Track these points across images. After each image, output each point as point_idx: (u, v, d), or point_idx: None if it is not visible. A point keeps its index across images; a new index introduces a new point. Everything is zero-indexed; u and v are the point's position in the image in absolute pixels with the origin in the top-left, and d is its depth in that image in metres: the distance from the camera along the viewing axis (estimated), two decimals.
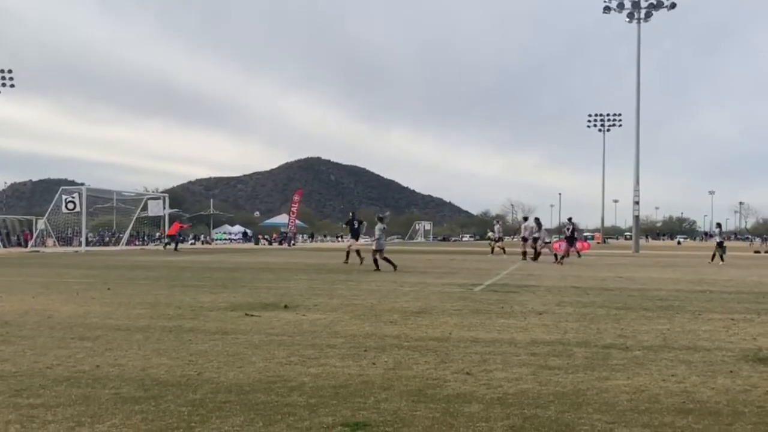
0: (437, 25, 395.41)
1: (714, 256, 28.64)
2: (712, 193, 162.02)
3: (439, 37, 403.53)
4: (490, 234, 42.57)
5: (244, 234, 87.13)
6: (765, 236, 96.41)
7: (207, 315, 9.65)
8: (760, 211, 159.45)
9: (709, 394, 5.16)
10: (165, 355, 6.56)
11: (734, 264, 28.38)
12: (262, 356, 6.53)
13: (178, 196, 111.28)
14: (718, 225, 32.45)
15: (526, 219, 32.26)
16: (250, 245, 66.72)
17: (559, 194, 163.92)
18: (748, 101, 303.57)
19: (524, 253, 29.49)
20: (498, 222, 41.96)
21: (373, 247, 21.37)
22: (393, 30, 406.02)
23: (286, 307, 10.59)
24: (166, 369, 5.94)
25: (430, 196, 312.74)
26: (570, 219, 30.59)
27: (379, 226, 21.72)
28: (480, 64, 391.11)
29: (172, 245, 42.07)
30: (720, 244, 28.92)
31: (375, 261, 20.79)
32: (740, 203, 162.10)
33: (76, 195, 43.33)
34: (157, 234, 60.49)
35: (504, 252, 35.04)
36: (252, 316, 9.50)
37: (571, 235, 28.52)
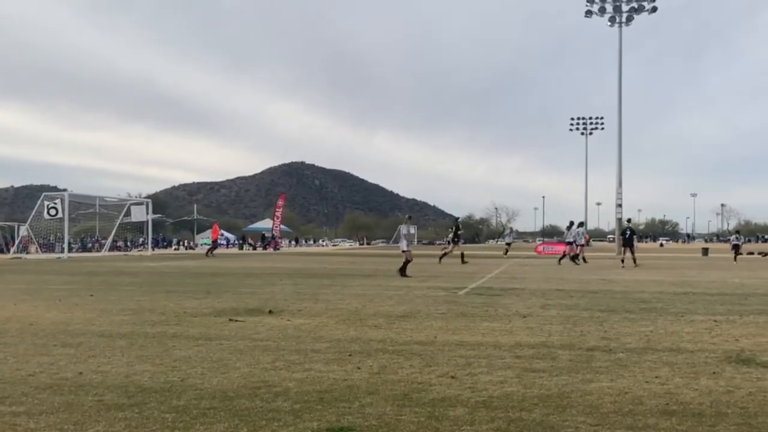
0: (423, 30, 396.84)
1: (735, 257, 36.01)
2: (694, 195, 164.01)
3: (425, 42, 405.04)
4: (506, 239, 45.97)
5: (227, 240, 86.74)
6: (748, 238, 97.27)
7: (191, 321, 9.60)
8: (742, 213, 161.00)
9: (692, 395, 5.20)
10: (148, 362, 6.52)
11: (717, 266, 28.61)
12: (247, 362, 6.50)
13: (162, 201, 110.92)
14: (737, 231, 40.55)
15: (576, 224, 32.34)
16: (235, 250, 66.50)
17: (543, 197, 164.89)
18: (730, 104, 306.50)
19: (574, 257, 30.41)
20: (511, 228, 43.37)
21: (405, 249, 20.43)
22: (379, 35, 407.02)
23: (270, 312, 10.56)
24: (149, 375, 5.90)
25: (414, 199, 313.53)
26: (582, 223, 31.09)
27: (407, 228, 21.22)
28: (465, 68, 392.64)
29: (212, 250, 41.30)
30: (736, 247, 37.15)
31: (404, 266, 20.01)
32: (722, 205, 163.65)
33: (58, 201, 42.91)
34: (141, 239, 60.17)
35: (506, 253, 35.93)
36: (236, 321, 9.46)
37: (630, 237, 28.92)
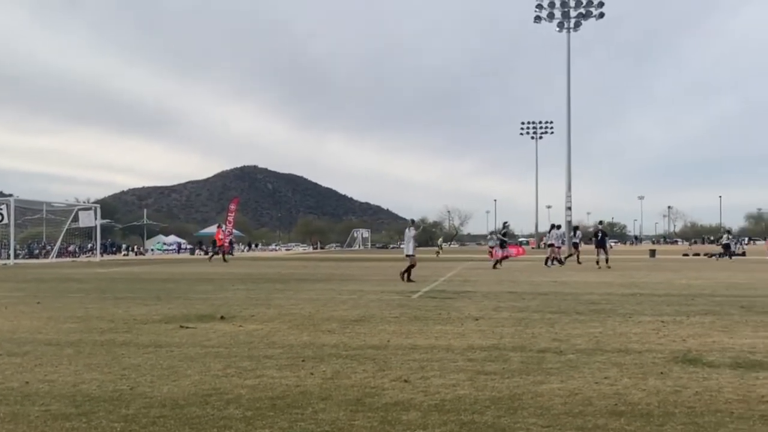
0: (376, 34, 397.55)
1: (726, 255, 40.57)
2: (641, 198, 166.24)
3: (378, 46, 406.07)
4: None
5: (179, 245, 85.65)
6: (695, 239, 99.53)
7: (140, 328, 9.46)
8: (689, 215, 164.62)
9: (640, 395, 5.29)
10: (97, 370, 6.40)
11: (664, 267, 29.20)
12: (198, 369, 6.42)
13: (111, 206, 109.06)
14: (728, 231, 45.24)
15: (555, 227, 33.21)
16: (186, 255, 65.67)
17: (495, 200, 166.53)
18: (676, 108, 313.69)
19: (558, 259, 31.06)
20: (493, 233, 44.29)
21: (410, 253, 20.08)
22: (332, 39, 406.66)
23: (222, 318, 10.46)
24: (97, 384, 5.79)
25: (368, 203, 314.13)
26: (559, 225, 31.56)
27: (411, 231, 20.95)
28: (417, 72, 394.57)
29: (220, 255, 40.41)
30: (727, 246, 41.66)
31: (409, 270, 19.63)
32: (669, 207, 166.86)
33: (3, 206, 41.89)
34: (89, 245, 59.08)
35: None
36: (187, 328, 9.35)
37: (602, 238, 29.40)
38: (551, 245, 31.42)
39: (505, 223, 32.30)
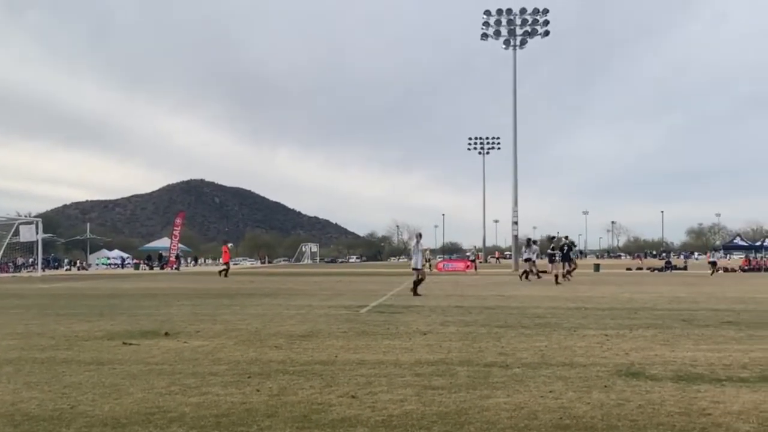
0: (324, 49, 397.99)
1: (713, 271, 40.94)
2: (586, 213, 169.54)
3: (326, 61, 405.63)
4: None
5: (122, 259, 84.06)
6: (637, 254, 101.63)
7: (82, 345, 9.24)
8: (631, 230, 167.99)
9: (584, 409, 5.36)
10: (36, 389, 6.22)
11: (607, 281, 29.72)
12: (141, 387, 6.30)
13: (53, 220, 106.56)
14: (715, 248, 47.17)
15: (531, 241, 33.69)
16: (130, 270, 64.49)
17: (443, 215, 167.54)
18: (621, 125, 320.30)
19: (527, 274, 31.26)
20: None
21: (418, 267, 20.17)
22: (280, 53, 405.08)
23: (166, 334, 10.28)
24: (37, 403, 5.64)
25: (316, 217, 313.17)
26: (567, 237, 31.87)
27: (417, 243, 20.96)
28: (366, 86, 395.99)
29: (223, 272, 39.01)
30: (713, 263, 42.25)
31: (416, 284, 19.75)
32: (612, 222, 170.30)
33: None
34: (31, 260, 57.57)
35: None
36: (130, 344, 9.16)
37: (567, 252, 29.66)
38: (528, 260, 31.82)
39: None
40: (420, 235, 21.54)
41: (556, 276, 27.35)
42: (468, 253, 60.97)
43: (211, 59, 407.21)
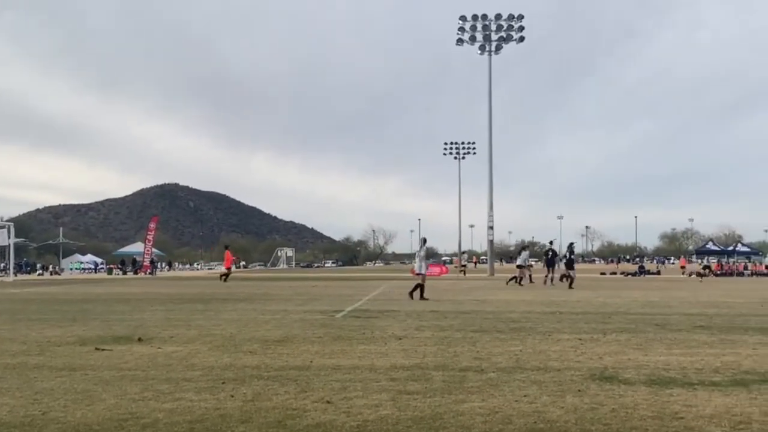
0: (302, 53, 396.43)
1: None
2: (560, 217, 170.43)
3: (304, 65, 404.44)
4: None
5: (95, 264, 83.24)
6: (611, 258, 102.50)
7: (54, 350, 9.12)
8: (605, 235, 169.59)
9: (558, 413, 5.38)
10: (7, 395, 6.13)
11: (581, 286, 29.92)
12: (113, 393, 6.22)
13: (25, 224, 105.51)
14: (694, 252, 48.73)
15: (523, 249, 34.58)
16: (104, 275, 63.88)
17: (419, 220, 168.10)
18: (595, 130, 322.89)
19: (519, 279, 31.71)
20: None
21: (421, 272, 20.22)
22: (257, 57, 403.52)
23: (140, 339, 10.19)
24: (8, 409, 5.55)
25: (292, 222, 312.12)
26: (551, 243, 32.42)
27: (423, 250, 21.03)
28: (344, 91, 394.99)
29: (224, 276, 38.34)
30: (707, 267, 45.22)
31: (421, 288, 19.82)
32: (587, 227, 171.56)
33: None
34: (2, 265, 56.84)
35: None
36: (103, 350, 9.06)
37: (552, 258, 31.02)
38: (520, 266, 32.07)
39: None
40: (425, 241, 21.65)
41: (571, 280, 28.34)
42: (462, 257, 61.52)
43: (187, 63, 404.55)
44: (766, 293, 24.13)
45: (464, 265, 55.95)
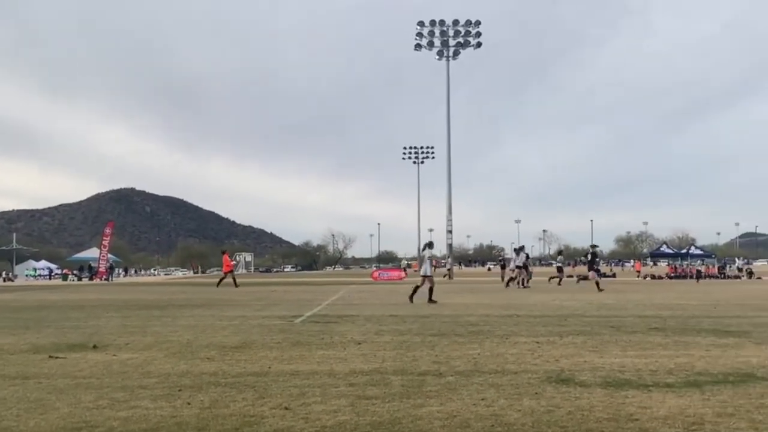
0: (259, 58, 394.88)
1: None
2: (518, 221, 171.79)
3: (261, 70, 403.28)
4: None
5: (50, 270, 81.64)
6: (568, 261, 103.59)
7: (6, 358, 8.92)
8: (562, 238, 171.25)
9: (516, 416, 5.43)
10: None
11: (539, 289, 30.21)
12: (67, 401, 6.11)
13: None
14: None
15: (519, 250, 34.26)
16: (58, 281, 62.69)
17: (378, 224, 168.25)
18: (550, 135, 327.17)
19: (511, 280, 32.23)
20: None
21: (428, 274, 20.33)
22: (213, 61, 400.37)
23: (94, 347, 10.02)
24: None
25: (251, 227, 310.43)
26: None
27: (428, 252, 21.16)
28: (302, 95, 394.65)
29: (230, 280, 37.11)
30: (699, 272, 46.75)
31: (430, 291, 19.98)
32: (544, 231, 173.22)
33: None
34: None
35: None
36: (57, 358, 8.89)
37: (592, 260, 30.65)
38: (518, 268, 32.18)
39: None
40: (431, 244, 21.76)
41: (598, 282, 28.46)
42: (445, 261, 61.88)
43: (143, 68, 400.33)
44: (718, 295, 24.63)
45: (449, 269, 54.88)
